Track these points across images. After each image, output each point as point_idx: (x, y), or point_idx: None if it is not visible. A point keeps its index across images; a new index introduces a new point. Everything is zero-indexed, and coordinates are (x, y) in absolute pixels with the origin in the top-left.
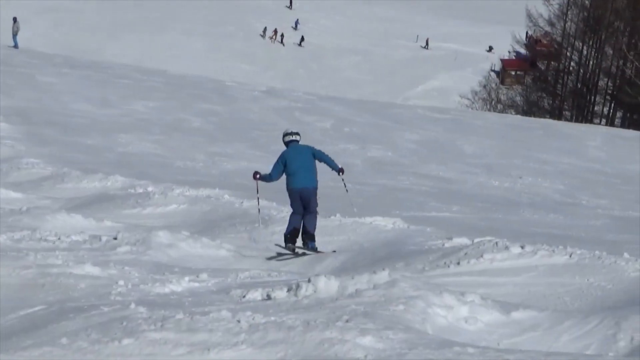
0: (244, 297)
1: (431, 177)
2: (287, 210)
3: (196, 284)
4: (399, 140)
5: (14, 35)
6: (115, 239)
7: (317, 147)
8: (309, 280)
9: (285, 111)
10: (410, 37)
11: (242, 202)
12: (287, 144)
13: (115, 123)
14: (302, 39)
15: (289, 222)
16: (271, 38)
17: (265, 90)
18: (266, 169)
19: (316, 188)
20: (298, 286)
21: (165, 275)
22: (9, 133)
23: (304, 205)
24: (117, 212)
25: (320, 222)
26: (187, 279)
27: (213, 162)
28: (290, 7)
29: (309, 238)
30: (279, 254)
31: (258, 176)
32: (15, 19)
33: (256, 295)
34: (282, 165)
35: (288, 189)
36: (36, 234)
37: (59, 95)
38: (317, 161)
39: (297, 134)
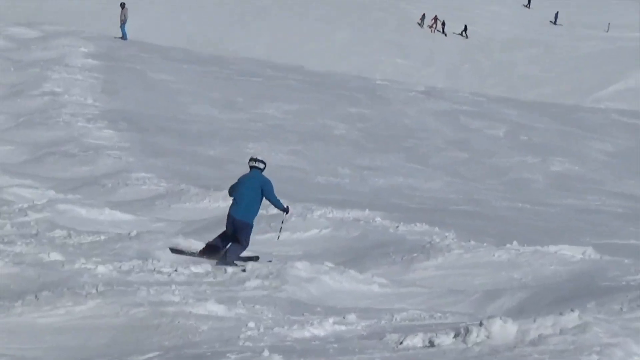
0: (401, 343)
1: (627, 196)
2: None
3: (342, 327)
4: (587, 151)
5: (122, 24)
6: (244, 271)
7: (273, 185)
8: (481, 324)
9: (447, 116)
10: (600, 25)
11: (397, 227)
12: (249, 168)
13: (243, 130)
14: (465, 27)
15: (210, 241)
16: (430, 27)
17: (423, 90)
18: (424, 185)
19: (249, 224)
20: (467, 330)
21: (305, 316)
22: (116, 142)
23: (233, 235)
24: None
25: (493, 252)
26: (331, 320)
27: (361, 177)
28: None
29: (224, 260)
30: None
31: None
32: (123, 5)
33: (416, 341)
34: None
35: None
36: (148, 265)
37: (175, 96)
38: (264, 198)
39: (263, 162)
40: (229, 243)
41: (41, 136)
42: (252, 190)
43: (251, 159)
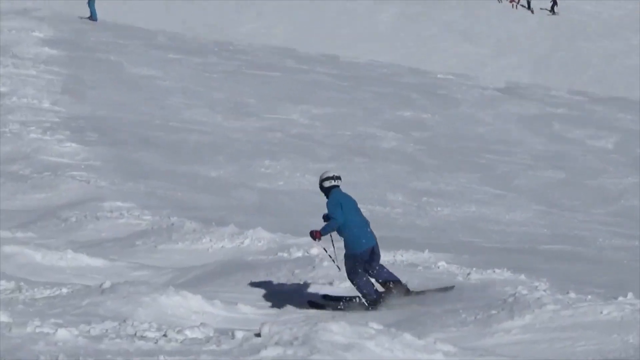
0: None
1: None
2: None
3: None
4: None
5: (91, 1)
6: (259, 335)
7: None
8: None
9: (537, 121)
10: None
11: (468, 274)
12: (327, 191)
13: (256, 142)
14: (555, 3)
15: (364, 285)
16: (512, 1)
17: (503, 88)
18: (505, 217)
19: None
20: None
21: None
22: (82, 159)
23: (370, 264)
24: (259, 291)
25: (601, 309)
26: None
27: (419, 205)
28: None
29: (394, 286)
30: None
31: (318, 235)
32: None
33: None
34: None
35: (353, 252)
36: (127, 328)
37: (163, 97)
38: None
39: (339, 178)
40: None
41: None
42: (359, 212)
43: (327, 178)
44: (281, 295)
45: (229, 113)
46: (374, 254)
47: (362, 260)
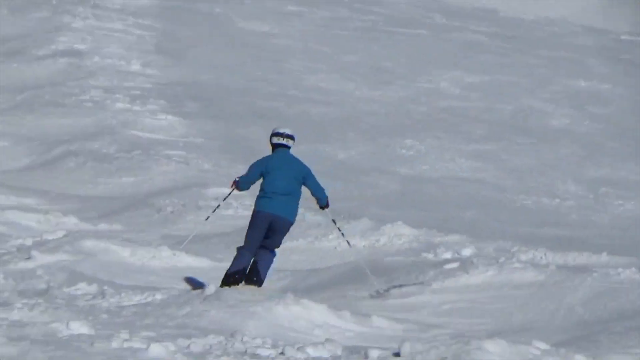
0: None
1: None
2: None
3: None
4: None
5: None
6: (398, 354)
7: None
8: None
9: None
10: None
11: None
12: (273, 147)
13: (395, 115)
14: None
15: (235, 260)
16: None
17: None
18: None
19: (291, 223)
20: None
21: None
22: (180, 135)
23: (267, 237)
24: (397, 301)
25: None
26: None
27: (596, 198)
28: None
29: (253, 281)
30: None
31: (233, 184)
32: None
33: None
34: (260, 173)
35: (254, 210)
36: (235, 343)
37: (280, 58)
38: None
39: (293, 137)
40: (250, 259)
41: (53, 125)
42: (292, 180)
43: (276, 134)
44: (425, 306)
45: (363, 80)
46: (271, 228)
47: (257, 221)
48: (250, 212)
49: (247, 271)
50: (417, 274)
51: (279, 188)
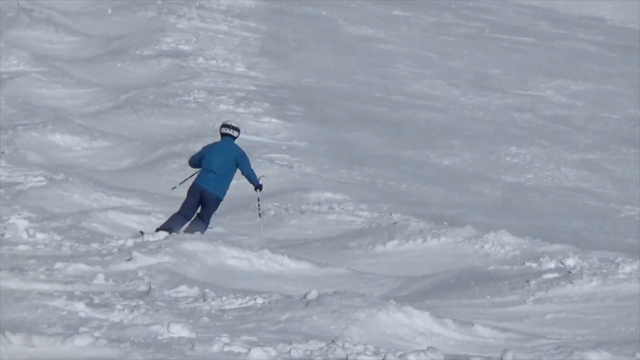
0: None
1: None
2: None
3: None
4: None
5: None
6: None
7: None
8: None
9: None
10: None
11: None
12: (221, 136)
13: (500, 124)
14: None
15: (166, 221)
16: None
17: None
18: None
19: (219, 199)
20: None
21: None
22: (284, 138)
23: (201, 206)
24: (500, 310)
25: None
26: None
27: None
28: None
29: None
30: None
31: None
32: None
33: None
34: (202, 154)
35: (191, 185)
36: (337, 349)
37: (385, 63)
38: (239, 171)
39: (237, 129)
40: (183, 224)
41: (156, 125)
42: (225, 161)
43: (224, 125)
44: (528, 315)
45: (468, 87)
46: (204, 198)
47: (191, 191)
48: (353, 217)
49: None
50: (521, 283)
51: (214, 167)
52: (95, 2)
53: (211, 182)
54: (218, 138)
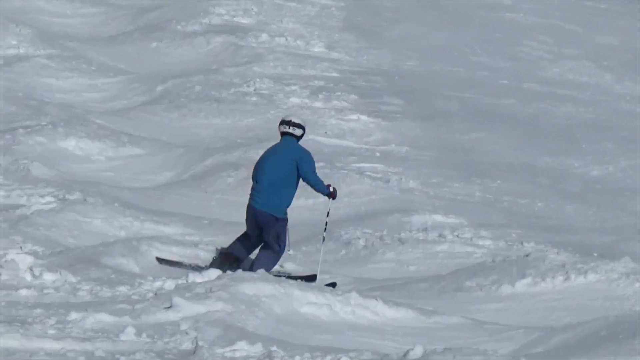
0: None
1: None
2: None
3: None
4: None
5: None
6: None
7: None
8: None
9: None
10: None
11: None
12: (281, 135)
13: None
14: None
15: (233, 242)
16: None
17: None
18: None
19: (275, 218)
20: None
21: None
22: (377, 142)
23: (259, 234)
24: None
25: None
26: None
27: None
28: None
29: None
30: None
31: None
32: None
33: None
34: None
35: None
36: None
37: (513, 38)
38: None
39: (300, 126)
40: (253, 249)
41: (205, 126)
42: (279, 167)
43: (283, 122)
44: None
45: (625, 70)
46: (259, 221)
47: (247, 215)
48: (471, 247)
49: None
50: None
51: (263, 177)
52: None
53: (261, 197)
54: (305, 144)
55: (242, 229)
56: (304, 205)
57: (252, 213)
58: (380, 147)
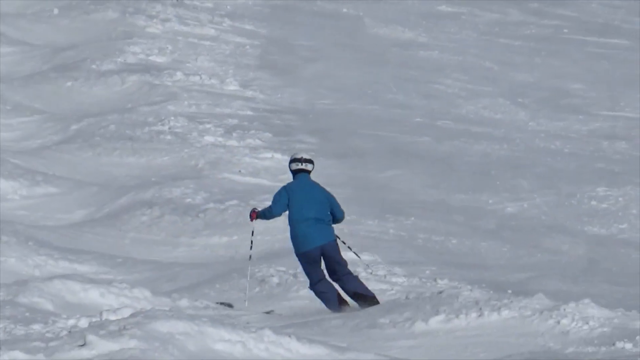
0: None
1: None
2: None
3: None
4: None
5: None
6: None
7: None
8: None
9: None
10: None
11: None
12: (293, 174)
13: (584, 156)
14: None
15: (325, 298)
16: None
17: None
18: None
19: (335, 240)
20: None
21: None
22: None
23: (329, 268)
24: None
25: None
26: None
27: None
28: None
29: (364, 300)
30: None
31: (254, 216)
32: None
33: None
34: (286, 203)
35: (300, 253)
36: None
37: (427, 76)
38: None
39: (311, 162)
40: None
41: (119, 165)
42: (319, 203)
43: (294, 160)
44: None
45: (540, 107)
46: (325, 255)
47: (311, 260)
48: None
49: (354, 297)
50: None
51: (311, 216)
52: (37, 0)
53: (321, 231)
54: (203, 180)
55: (152, 266)
56: (218, 243)
57: (320, 250)
58: None
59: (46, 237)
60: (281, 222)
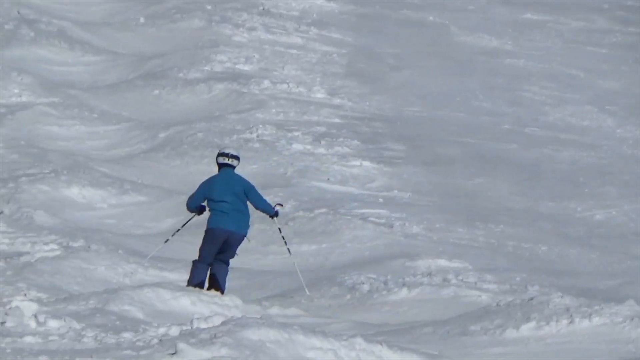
0: None
1: None
2: None
3: None
4: None
5: None
6: None
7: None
8: None
9: None
10: None
11: None
12: (219, 167)
13: None
14: None
15: (192, 274)
16: None
17: None
18: None
19: (244, 237)
20: None
21: None
22: (380, 188)
23: (221, 251)
24: None
25: None
26: None
27: None
28: None
29: (214, 287)
30: None
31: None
32: None
33: None
34: (204, 194)
35: (208, 228)
36: None
37: (514, 84)
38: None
39: (237, 157)
40: (207, 271)
41: (207, 173)
42: (237, 195)
43: (221, 154)
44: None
45: (627, 114)
46: (228, 242)
47: (214, 238)
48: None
49: (208, 282)
50: None
51: (229, 204)
52: (123, 8)
53: (234, 221)
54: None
55: (242, 274)
56: (307, 251)
57: (226, 235)
58: (383, 193)
59: (136, 246)
60: (371, 231)
